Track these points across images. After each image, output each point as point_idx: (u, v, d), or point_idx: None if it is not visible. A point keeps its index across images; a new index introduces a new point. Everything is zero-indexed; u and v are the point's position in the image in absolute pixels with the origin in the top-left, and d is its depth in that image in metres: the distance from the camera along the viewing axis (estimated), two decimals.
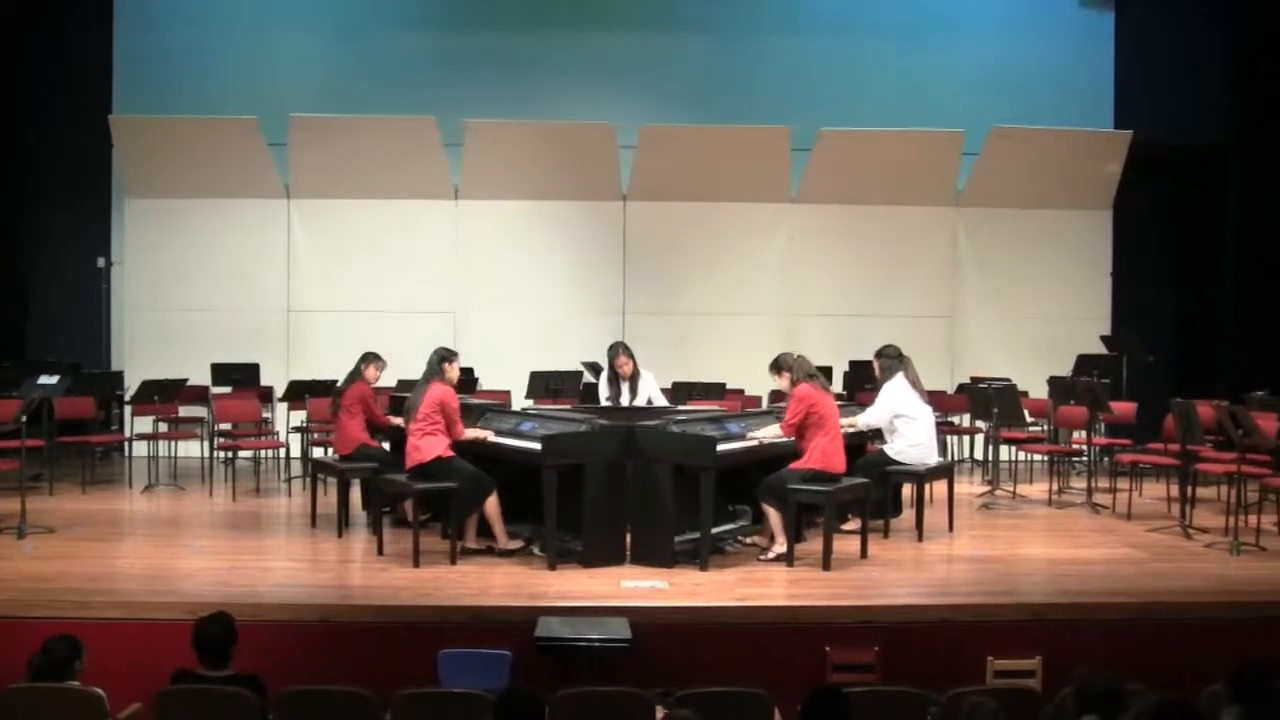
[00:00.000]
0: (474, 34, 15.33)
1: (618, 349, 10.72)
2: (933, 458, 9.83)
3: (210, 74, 14.90)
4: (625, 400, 10.57)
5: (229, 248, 14.32)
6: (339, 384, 10.15)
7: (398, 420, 9.75)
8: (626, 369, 10.63)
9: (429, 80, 15.00)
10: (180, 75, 14.87)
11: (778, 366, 8.99)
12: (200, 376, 13.07)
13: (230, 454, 12.38)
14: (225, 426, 12.52)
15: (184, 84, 14.80)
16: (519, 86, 15.05)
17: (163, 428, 12.71)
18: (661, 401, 10.79)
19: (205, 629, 5.91)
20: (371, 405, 9.89)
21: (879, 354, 10.04)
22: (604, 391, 10.82)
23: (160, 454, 12.37)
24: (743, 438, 8.84)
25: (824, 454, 8.58)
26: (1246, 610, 7.72)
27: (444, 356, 9.08)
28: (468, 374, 12.54)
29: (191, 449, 13.00)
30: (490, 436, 8.94)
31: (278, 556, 9.22)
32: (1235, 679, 5.25)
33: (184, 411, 13.01)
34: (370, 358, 10.03)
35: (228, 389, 13.10)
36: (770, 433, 8.89)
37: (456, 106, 14.25)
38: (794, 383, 8.74)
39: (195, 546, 9.24)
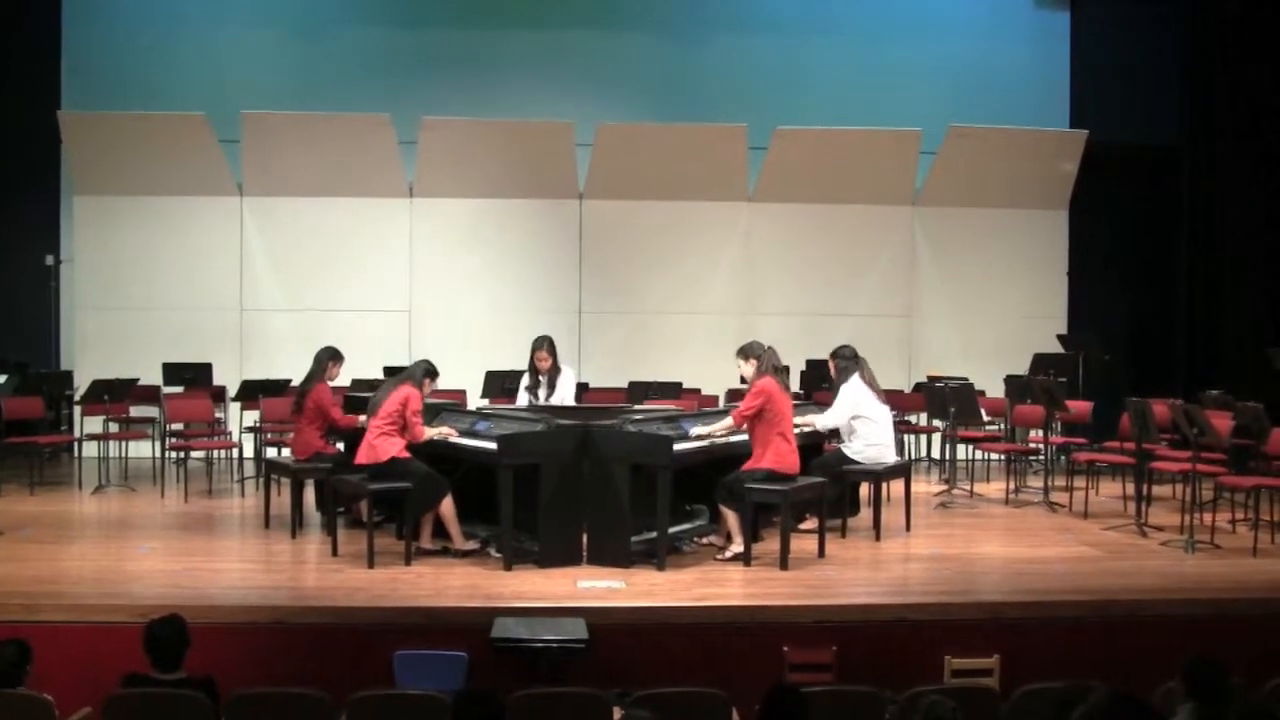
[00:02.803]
0: (430, 31, 15.28)
1: (541, 342, 10.39)
2: (890, 457, 9.87)
3: (161, 69, 14.78)
4: (543, 397, 10.41)
5: (180, 246, 14.20)
6: (301, 383, 9.96)
7: (361, 418, 9.59)
8: (544, 364, 10.37)
9: (384, 77, 14.94)
10: (130, 71, 14.74)
11: (746, 353, 8.91)
12: (151, 376, 12.95)
13: (182, 454, 12.26)
14: (177, 427, 12.41)
15: (134, 80, 14.68)
16: (475, 84, 15.00)
17: (113, 428, 12.60)
18: (571, 402, 10.50)
19: (157, 631, 5.86)
20: (330, 411, 9.75)
21: (835, 354, 10.07)
22: (524, 383, 10.53)
23: (110, 455, 12.25)
24: (699, 437, 8.84)
25: (778, 454, 8.56)
26: (1201, 608, 7.80)
27: (429, 371, 9.11)
28: None
29: (143, 449, 12.89)
30: (453, 435, 8.89)
31: (231, 558, 9.15)
32: (1190, 676, 5.30)
33: (135, 411, 12.90)
34: (332, 354, 9.91)
35: (179, 389, 12.98)
36: (720, 426, 8.82)
37: (412, 104, 14.17)
38: (760, 372, 8.72)
39: (146, 548, 9.16)
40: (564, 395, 10.43)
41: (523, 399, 10.51)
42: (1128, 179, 15.36)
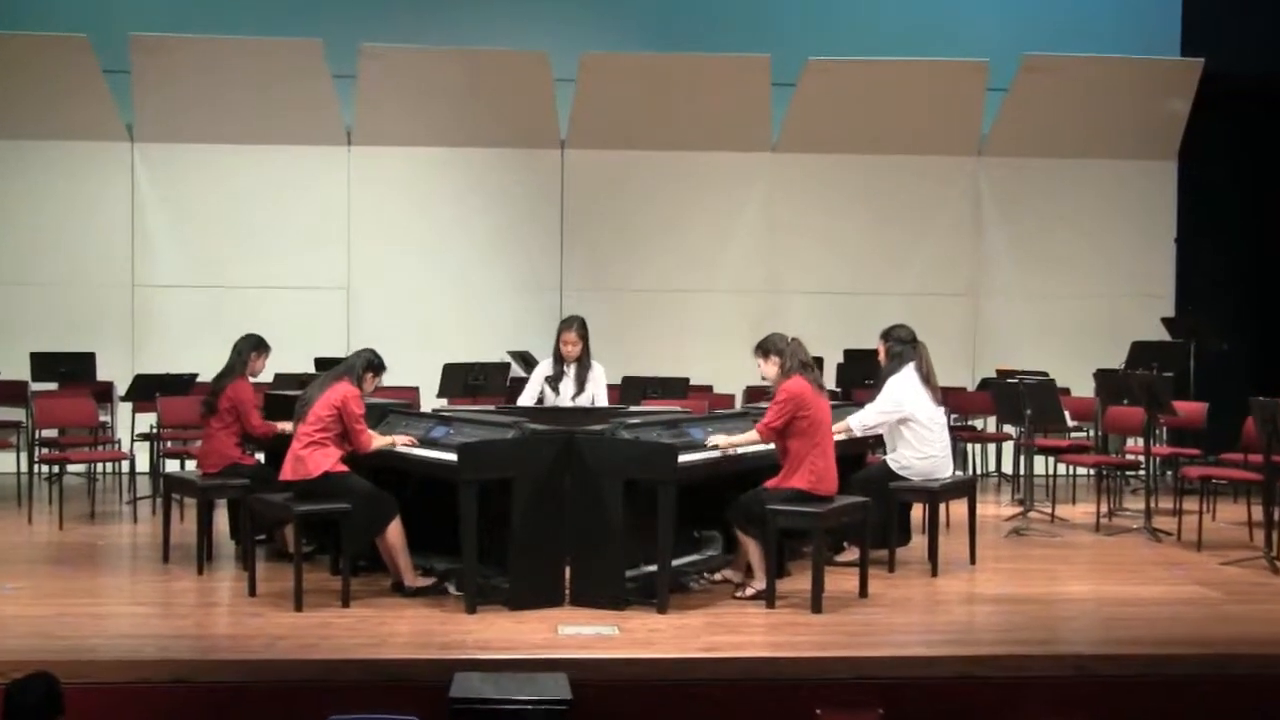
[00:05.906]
0: None
1: (570, 323, 10.39)
2: (947, 470, 9.85)
3: None
4: (568, 394, 10.37)
5: (54, 203, 14.21)
6: (215, 378, 9.87)
7: (285, 426, 9.53)
8: (573, 350, 10.32)
9: None
10: None
11: (765, 349, 8.88)
12: (16, 369, 12.96)
13: (56, 469, 12.25)
14: (49, 433, 12.41)
15: None
16: (428, 3, 14.99)
17: None
18: (604, 404, 10.54)
19: (19, 695, 5.82)
20: (250, 412, 9.70)
21: (886, 335, 9.98)
22: (544, 372, 10.57)
23: None
24: (717, 448, 8.81)
25: (813, 471, 8.53)
26: None
27: (371, 362, 9.09)
28: None
29: (4, 462, 12.88)
30: (410, 444, 8.84)
31: (119, 599, 9.13)
32: None
33: None
34: (256, 345, 9.86)
35: (52, 385, 12.98)
36: (745, 439, 8.82)
37: (349, 27, 14.18)
38: (785, 372, 8.70)
39: (9, 589, 9.14)
40: (595, 397, 10.41)
41: (532, 393, 10.44)
42: (1256, 121, 15.26)
